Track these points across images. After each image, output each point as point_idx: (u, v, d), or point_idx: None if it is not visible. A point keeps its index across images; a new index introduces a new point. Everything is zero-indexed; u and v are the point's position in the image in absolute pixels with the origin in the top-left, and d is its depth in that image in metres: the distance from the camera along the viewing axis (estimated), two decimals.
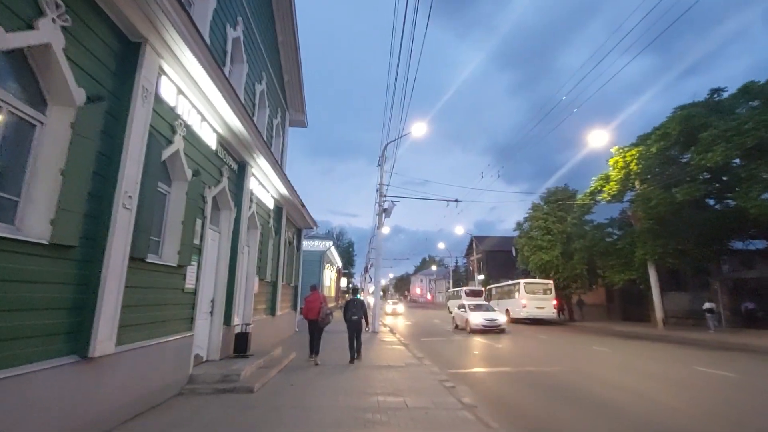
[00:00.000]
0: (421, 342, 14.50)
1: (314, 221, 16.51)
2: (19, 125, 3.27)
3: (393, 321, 26.45)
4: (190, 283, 6.02)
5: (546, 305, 22.64)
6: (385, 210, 18.31)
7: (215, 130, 6.75)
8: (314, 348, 8.67)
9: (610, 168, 20.60)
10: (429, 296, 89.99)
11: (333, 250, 30.66)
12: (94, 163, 3.85)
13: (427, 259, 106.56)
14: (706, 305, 17.09)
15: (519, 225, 28.16)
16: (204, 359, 7.01)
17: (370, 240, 53.23)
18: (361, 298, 10.26)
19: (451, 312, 36.40)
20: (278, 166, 9.69)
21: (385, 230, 20.42)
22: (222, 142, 7.15)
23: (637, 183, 19.99)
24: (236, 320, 7.84)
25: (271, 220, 11.14)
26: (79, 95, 3.60)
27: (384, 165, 19.63)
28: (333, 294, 37.34)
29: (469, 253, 61.82)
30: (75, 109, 3.58)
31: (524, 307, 22.56)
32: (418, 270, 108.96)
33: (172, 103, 5.23)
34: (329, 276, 32.42)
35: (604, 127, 20.84)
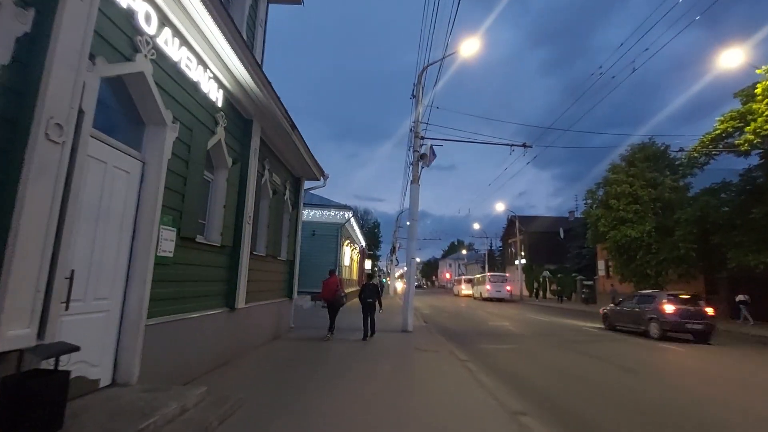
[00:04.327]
0: (483, 352, 9.07)
1: (321, 169, 11.22)
2: None
3: (426, 311, 21.09)
4: None
5: (502, 289, 34.67)
6: (422, 156, 12.74)
7: None
8: (331, 326, 9.42)
9: (756, 98, 13.94)
10: None
11: (353, 222, 25.28)
12: None
13: (456, 243, 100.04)
14: (740, 297, 16.86)
15: (591, 192, 21.72)
16: None
17: (397, 218, 47.84)
18: (375, 282, 10.73)
19: (456, 294, 46.85)
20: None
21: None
22: None
23: None
24: (13, 337, 2.60)
25: (219, 129, 5.85)
26: None
27: (421, 98, 14.03)
28: (355, 276, 32.23)
29: (507, 235, 55.46)
30: None
31: (488, 290, 34.63)
32: (445, 255, 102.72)
33: None
34: (349, 255, 27.23)
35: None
